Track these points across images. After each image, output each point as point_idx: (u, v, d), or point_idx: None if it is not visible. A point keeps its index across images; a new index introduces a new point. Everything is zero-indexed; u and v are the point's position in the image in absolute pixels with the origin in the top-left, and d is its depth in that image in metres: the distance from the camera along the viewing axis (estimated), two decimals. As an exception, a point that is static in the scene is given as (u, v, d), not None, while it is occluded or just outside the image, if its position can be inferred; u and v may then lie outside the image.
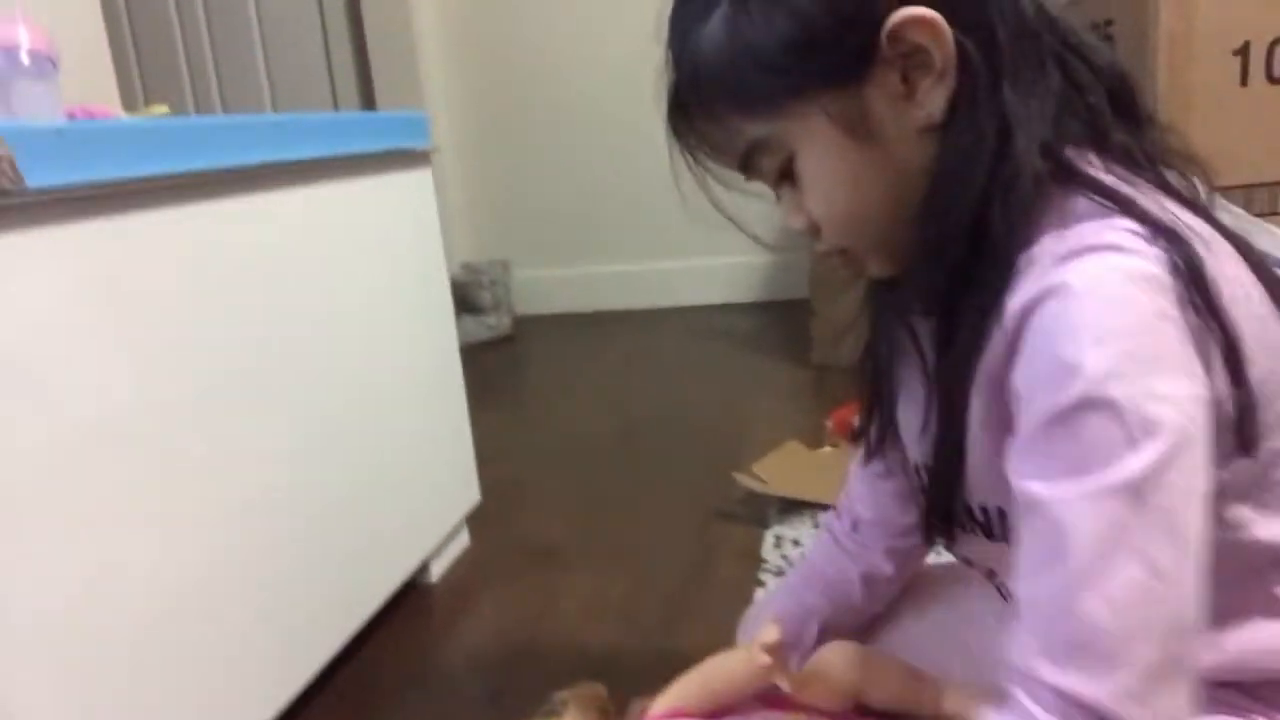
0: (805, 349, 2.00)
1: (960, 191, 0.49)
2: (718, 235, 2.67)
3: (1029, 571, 0.45)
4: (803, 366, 1.98)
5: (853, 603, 0.74)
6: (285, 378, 0.90)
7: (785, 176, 0.55)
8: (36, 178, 0.60)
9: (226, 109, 2.58)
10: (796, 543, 1.21)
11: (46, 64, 0.72)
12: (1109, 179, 0.49)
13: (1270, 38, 1.39)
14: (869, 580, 0.74)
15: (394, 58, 2.53)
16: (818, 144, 0.52)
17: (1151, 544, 0.42)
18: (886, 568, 0.73)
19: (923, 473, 0.61)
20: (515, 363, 2.34)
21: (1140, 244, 0.45)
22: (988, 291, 0.48)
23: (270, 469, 0.87)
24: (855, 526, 0.74)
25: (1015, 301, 0.46)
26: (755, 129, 0.53)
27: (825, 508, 1.27)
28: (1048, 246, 0.47)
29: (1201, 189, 0.52)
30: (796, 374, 1.96)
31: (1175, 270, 0.44)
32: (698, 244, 2.60)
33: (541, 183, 2.65)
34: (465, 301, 2.41)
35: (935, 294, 0.52)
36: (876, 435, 0.68)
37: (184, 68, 2.58)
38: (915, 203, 0.52)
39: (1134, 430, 0.42)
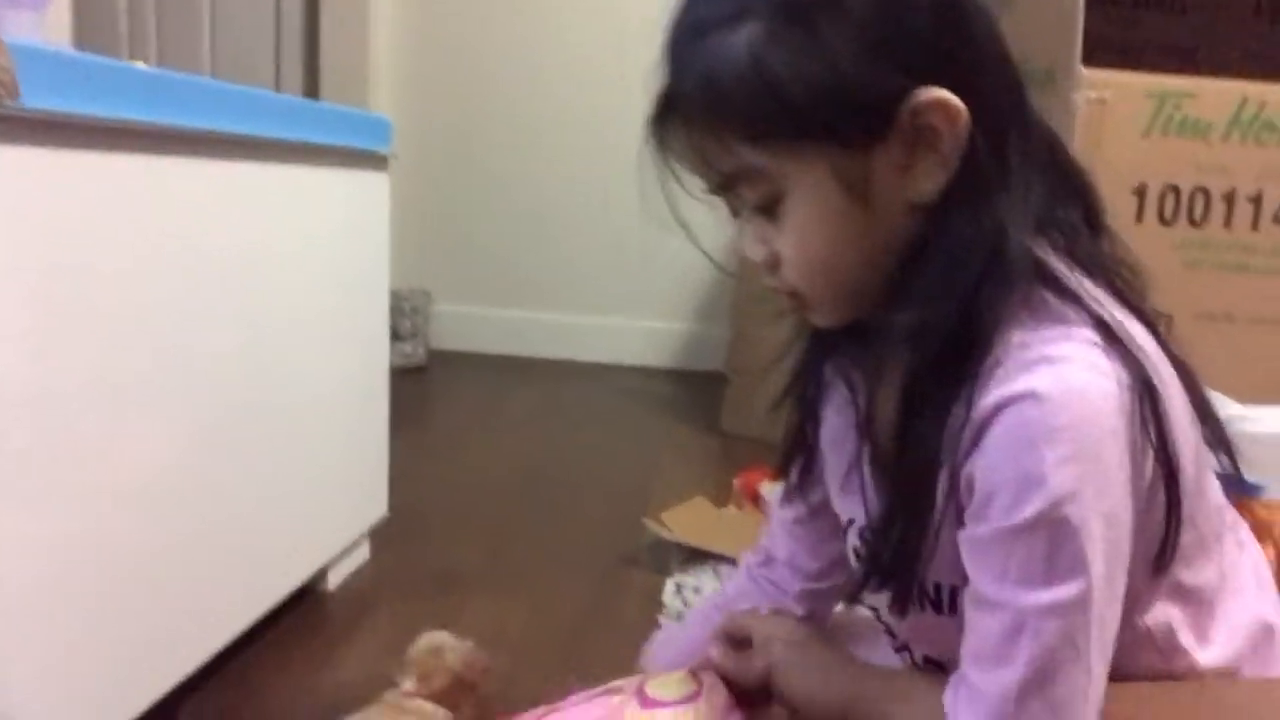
0: (716, 418, 2.04)
1: (953, 282, 0.51)
2: (642, 297, 2.73)
3: (979, 662, 0.50)
4: (713, 434, 2.02)
5: None
6: (194, 356, 0.85)
7: (763, 208, 0.55)
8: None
9: (162, 65, 2.49)
10: (697, 590, 1.23)
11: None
12: (1074, 285, 0.52)
13: (1164, 182, 1.53)
14: None
15: (345, 55, 2.49)
16: (812, 190, 0.52)
17: (1092, 653, 0.47)
18: (796, 609, 0.75)
19: (855, 534, 0.62)
20: (427, 394, 2.31)
21: (1101, 359, 0.48)
22: (958, 381, 0.50)
23: (171, 455, 0.83)
24: (769, 565, 0.76)
25: (986, 399, 0.48)
26: (754, 158, 0.53)
27: (728, 560, 1.30)
28: (1015, 346, 0.49)
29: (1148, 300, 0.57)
30: (706, 440, 2.00)
31: (1133, 393, 0.48)
32: (622, 303, 2.64)
33: (475, 218, 2.65)
34: (383, 328, 2.38)
35: (906, 378, 0.53)
36: (797, 478, 0.70)
37: (123, 20, 2.49)
38: (884, 270, 0.53)
39: (1084, 550, 0.46)
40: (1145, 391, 0.48)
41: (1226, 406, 1.28)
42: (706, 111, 0.53)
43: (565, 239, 2.62)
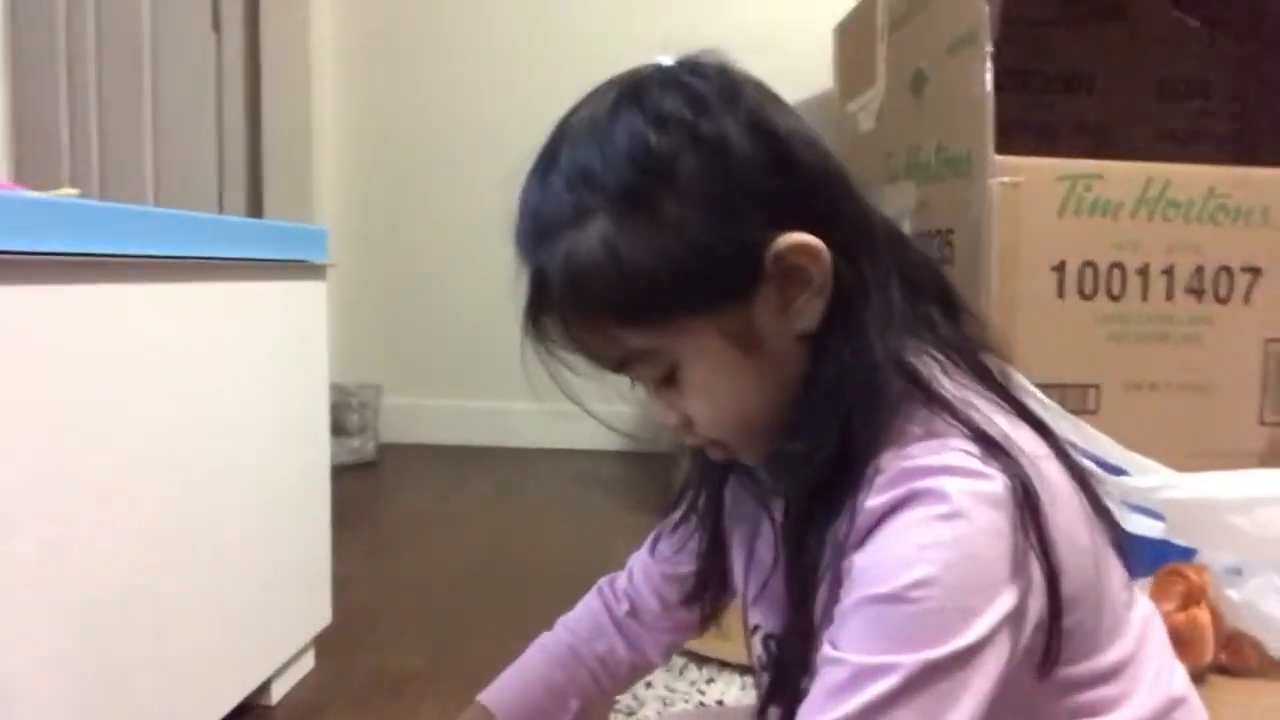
0: (667, 497, 2.05)
1: (834, 400, 0.52)
2: (588, 382, 2.74)
3: (807, 711, 0.49)
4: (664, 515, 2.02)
5: (614, 686, 0.77)
6: (137, 471, 0.86)
7: (662, 380, 0.56)
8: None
9: (104, 197, 2.52)
10: (649, 684, 1.23)
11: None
12: (946, 392, 0.53)
13: (1081, 260, 1.60)
14: (634, 668, 0.76)
15: (288, 168, 2.55)
16: (704, 354, 0.54)
17: None
18: (655, 659, 0.77)
19: (760, 643, 0.63)
20: (378, 489, 2.30)
21: (979, 465, 0.49)
22: (841, 488, 0.51)
23: (107, 570, 0.82)
24: (635, 614, 0.76)
25: (874, 501, 0.49)
26: (639, 341, 0.54)
27: (682, 653, 1.30)
28: (895, 459, 0.50)
29: (1009, 373, 0.58)
30: (657, 521, 2.00)
31: (1013, 495, 0.49)
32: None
33: (421, 310, 2.68)
34: (332, 423, 2.37)
35: (808, 494, 0.54)
36: (698, 584, 0.71)
37: (65, 148, 2.51)
38: (790, 402, 0.55)
39: (938, 627, 0.47)
40: (1024, 496, 0.49)
41: (1157, 474, 1.33)
42: (579, 309, 0.54)
43: (510, 329, 2.64)
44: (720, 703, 1.19)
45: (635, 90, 0.54)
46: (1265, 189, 1.69)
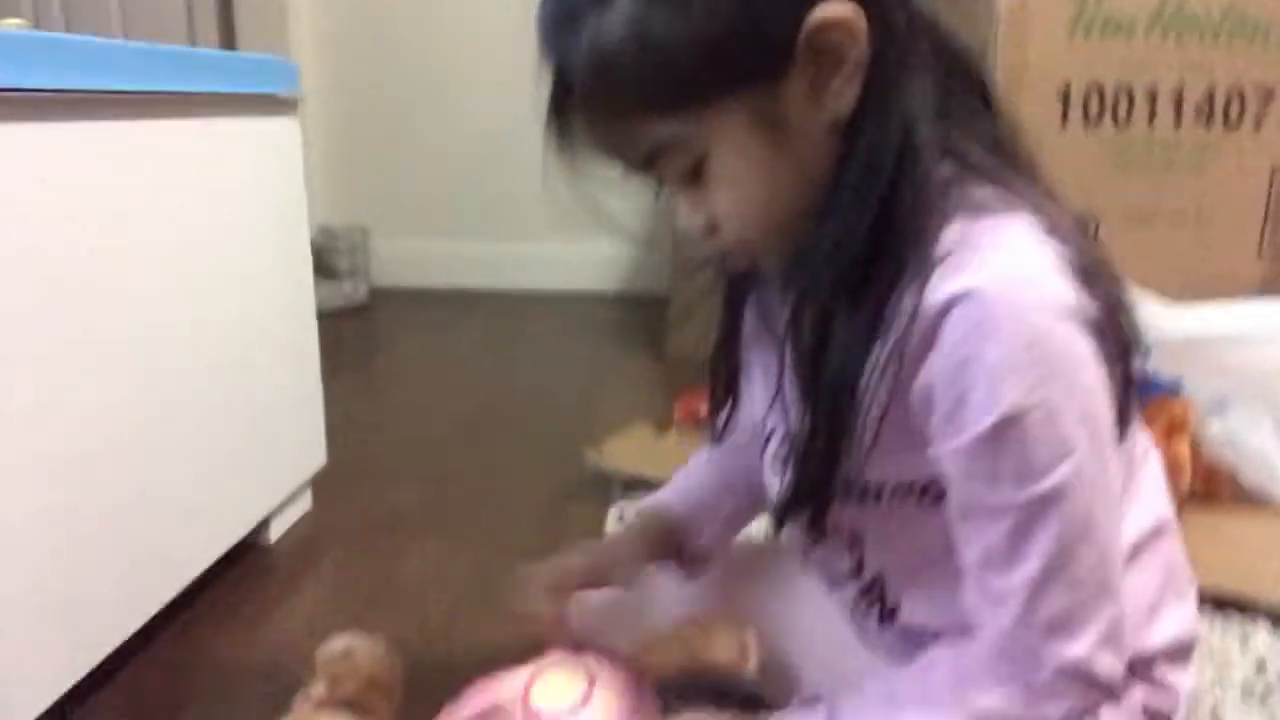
0: (661, 342, 2.05)
1: (868, 186, 0.51)
2: (584, 224, 2.68)
3: (991, 567, 0.51)
4: (657, 359, 2.03)
5: (743, 511, 0.79)
6: (122, 320, 0.86)
7: (688, 177, 0.54)
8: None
9: (70, 30, 2.41)
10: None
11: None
12: (997, 173, 0.52)
13: (1087, 81, 1.53)
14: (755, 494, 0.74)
15: (260, 5, 2.42)
16: (733, 143, 0.52)
17: (1099, 524, 0.49)
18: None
19: (777, 443, 0.63)
20: (369, 334, 2.30)
21: (1042, 245, 0.49)
22: (893, 282, 0.50)
23: (101, 418, 0.83)
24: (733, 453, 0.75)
25: (934, 296, 0.48)
26: (668, 129, 0.52)
27: (668, 487, 1.32)
28: (951, 241, 0.49)
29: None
30: (650, 365, 2.01)
31: (1080, 274, 0.49)
32: (563, 231, 2.62)
33: (409, 151, 2.60)
34: (320, 267, 2.33)
35: (831, 285, 0.53)
36: (725, 417, 0.70)
37: None
38: (819, 195, 0.53)
39: (1065, 433, 0.48)
40: (1091, 270, 0.49)
41: (1147, 306, 1.31)
42: (606, 99, 0.52)
43: (502, 168, 2.56)
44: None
45: None
46: (1291, 3, 1.60)
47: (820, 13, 0.49)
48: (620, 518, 1.25)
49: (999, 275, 0.48)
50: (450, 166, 2.60)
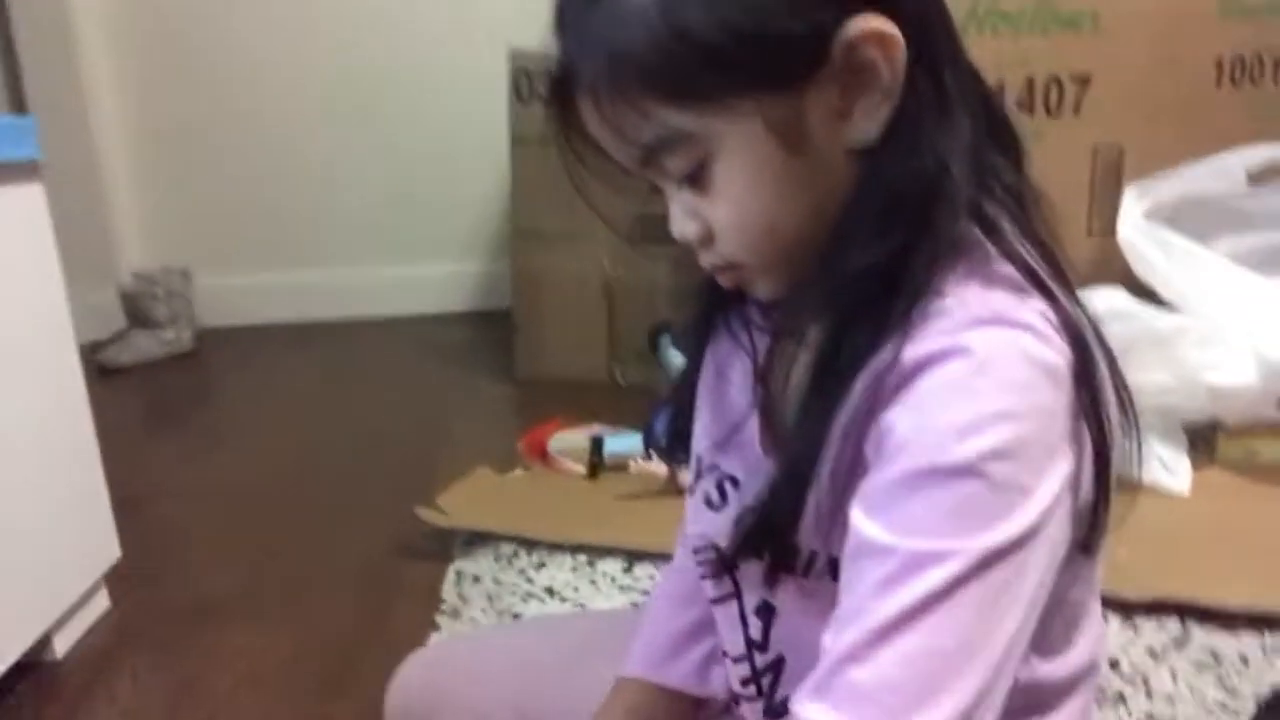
0: (509, 362, 1.97)
1: (890, 223, 0.47)
2: (421, 241, 2.59)
3: (840, 620, 0.44)
4: (505, 381, 1.95)
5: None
6: None
7: (690, 178, 0.50)
8: None
9: None
10: (477, 579, 1.18)
11: None
12: (1018, 246, 0.48)
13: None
14: None
15: (49, 51, 2.20)
16: (744, 146, 0.48)
17: (986, 619, 0.43)
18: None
19: (717, 487, 0.58)
20: (193, 385, 2.13)
21: (1050, 332, 0.45)
22: (884, 330, 0.46)
23: None
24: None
25: (917, 349, 0.44)
26: (678, 120, 0.48)
27: (510, 539, 1.25)
28: (964, 300, 0.45)
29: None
30: (498, 390, 1.93)
31: (1075, 369, 0.44)
32: (402, 251, 2.50)
33: (228, 184, 2.43)
34: (138, 315, 2.16)
35: (826, 326, 0.49)
36: (670, 441, 0.64)
37: None
38: (826, 225, 0.49)
39: (999, 509, 0.42)
40: (1084, 368, 0.45)
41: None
42: (617, 78, 0.47)
43: (331, 191, 2.45)
44: (550, 590, 1.15)
45: None
46: (1096, -9, 1.64)
47: (860, 23, 0.45)
48: (457, 580, 1.17)
49: (996, 341, 0.44)
50: (274, 196, 2.44)
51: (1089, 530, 0.48)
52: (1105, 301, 1.30)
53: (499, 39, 1.82)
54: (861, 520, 0.45)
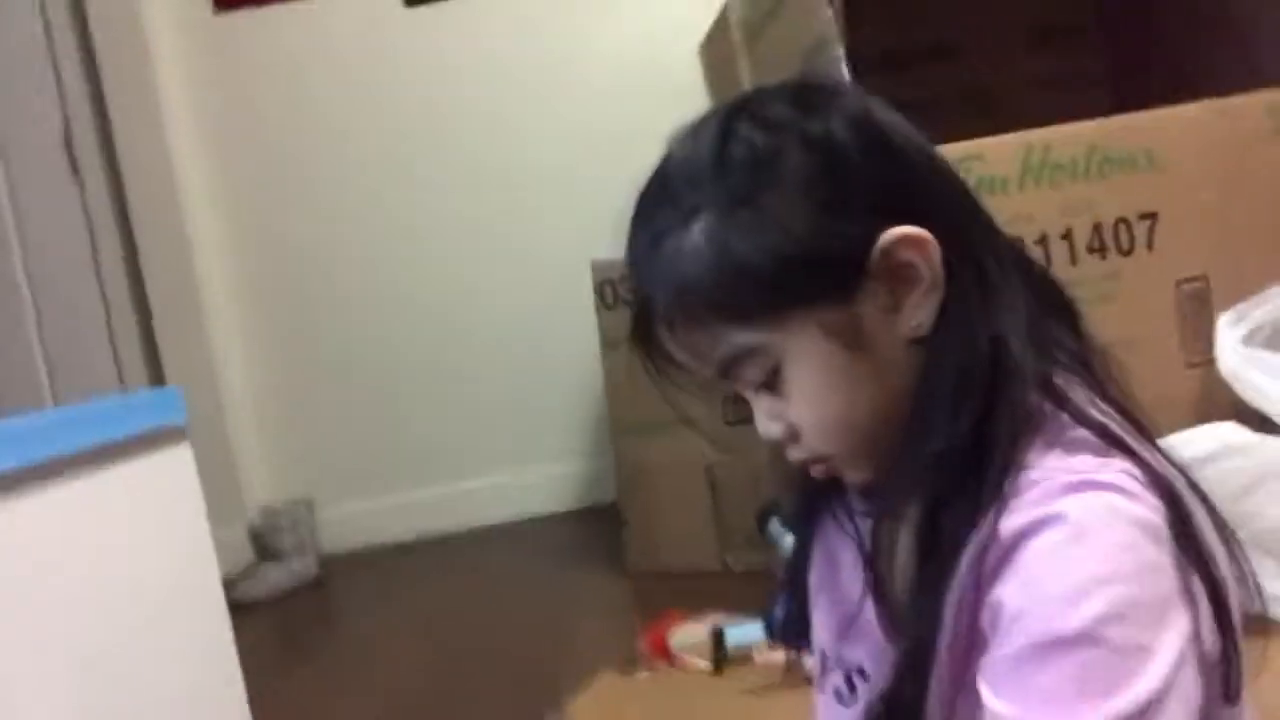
0: (621, 556, 1.99)
1: (961, 400, 0.50)
2: (525, 447, 2.68)
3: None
4: (619, 575, 1.96)
5: None
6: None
7: (766, 384, 0.55)
8: None
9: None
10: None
11: None
12: (1095, 412, 0.51)
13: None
14: None
15: (180, 319, 2.44)
16: (809, 354, 0.53)
17: None
18: None
19: (846, 679, 0.59)
20: (324, 610, 2.19)
21: (1139, 489, 0.46)
22: (978, 506, 0.48)
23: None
24: None
25: (1014, 521, 0.46)
26: (744, 338, 0.53)
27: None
28: (1049, 469, 0.47)
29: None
30: (613, 585, 1.93)
31: (1171, 522, 0.46)
32: (504, 458, 2.59)
33: (342, 419, 2.58)
34: (267, 550, 2.27)
35: (919, 500, 0.51)
36: (787, 631, 0.67)
37: None
38: (902, 411, 0.52)
39: (1124, 672, 0.43)
40: (1180, 520, 0.46)
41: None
42: (686, 308, 0.54)
43: (433, 413, 2.57)
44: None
45: (740, 103, 0.55)
46: (1146, 132, 1.67)
47: (890, 233, 0.51)
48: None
49: (1088, 505, 0.46)
50: (385, 425, 2.58)
51: (1225, 679, 0.48)
52: (1218, 438, 1.27)
53: (581, 256, 1.95)
54: (990, 699, 0.46)
